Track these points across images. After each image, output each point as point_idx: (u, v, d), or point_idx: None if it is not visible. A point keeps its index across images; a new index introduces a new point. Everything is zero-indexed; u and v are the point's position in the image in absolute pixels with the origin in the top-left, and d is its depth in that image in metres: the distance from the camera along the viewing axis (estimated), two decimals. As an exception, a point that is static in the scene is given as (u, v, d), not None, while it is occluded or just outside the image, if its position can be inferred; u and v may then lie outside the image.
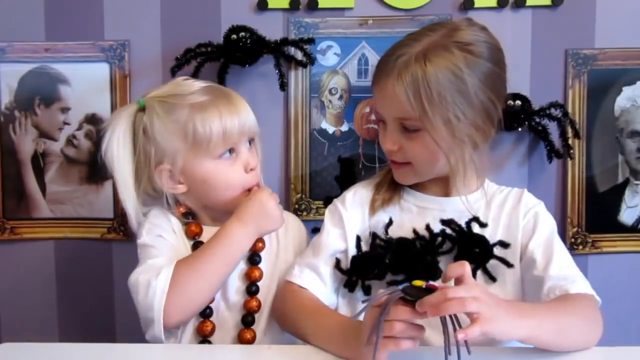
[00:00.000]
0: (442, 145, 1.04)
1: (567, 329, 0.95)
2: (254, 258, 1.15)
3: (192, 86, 1.13)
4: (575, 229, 1.43)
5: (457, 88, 1.02)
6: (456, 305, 0.81)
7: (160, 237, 1.13)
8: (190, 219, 1.16)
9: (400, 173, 1.12)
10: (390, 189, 1.16)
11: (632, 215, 1.44)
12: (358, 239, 1.12)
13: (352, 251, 1.12)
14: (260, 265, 1.16)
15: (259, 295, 1.15)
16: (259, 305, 1.14)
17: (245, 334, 1.12)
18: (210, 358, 1.02)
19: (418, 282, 0.87)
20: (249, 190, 1.14)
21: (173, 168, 1.11)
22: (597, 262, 1.43)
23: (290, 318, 1.09)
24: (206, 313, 1.11)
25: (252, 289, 1.14)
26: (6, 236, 1.46)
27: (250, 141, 1.15)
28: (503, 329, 0.85)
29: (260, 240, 1.15)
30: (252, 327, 1.13)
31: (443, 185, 1.13)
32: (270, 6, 1.39)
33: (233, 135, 1.10)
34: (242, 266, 1.15)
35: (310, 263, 1.12)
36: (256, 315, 1.14)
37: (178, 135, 1.09)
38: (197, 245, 1.12)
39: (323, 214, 1.39)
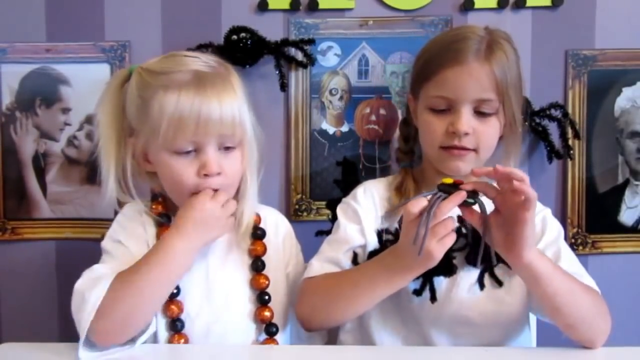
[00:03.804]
0: (505, 131, 1.10)
1: (580, 298, 0.98)
2: (256, 264, 1.11)
3: (187, 63, 1.03)
4: (575, 230, 1.43)
5: (519, 75, 1.11)
6: (534, 193, 0.90)
7: (119, 243, 1.06)
8: (165, 221, 1.08)
9: (463, 162, 1.09)
10: (416, 191, 1.14)
11: (632, 216, 1.44)
12: (379, 234, 1.12)
13: (372, 245, 1.11)
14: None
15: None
16: (272, 315, 1.09)
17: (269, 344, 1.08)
18: (215, 357, 1.02)
19: (447, 180, 0.95)
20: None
21: (136, 146, 1.05)
22: (597, 263, 1.43)
23: (321, 301, 1.06)
24: (176, 327, 1.04)
25: (263, 298, 1.09)
26: (7, 236, 1.46)
27: (229, 147, 1.04)
28: (529, 248, 0.93)
29: (259, 244, 1.12)
30: (275, 337, 1.09)
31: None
32: (270, 7, 1.39)
33: (187, 131, 0.98)
34: (247, 274, 1.11)
35: (330, 257, 1.11)
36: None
37: (140, 114, 1.02)
38: None
39: (323, 215, 1.41)
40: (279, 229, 1.17)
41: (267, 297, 1.09)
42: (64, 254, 1.47)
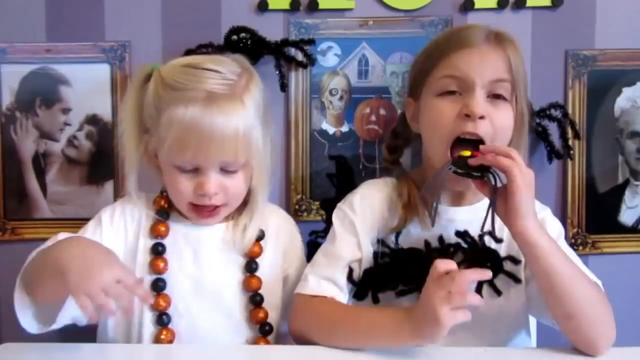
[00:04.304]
0: (517, 121, 1.06)
1: (583, 286, 0.96)
2: (250, 265, 1.10)
3: (203, 81, 1.02)
4: (575, 230, 1.43)
5: (525, 72, 1.09)
6: (512, 163, 0.93)
7: (99, 219, 1.10)
8: (163, 218, 1.10)
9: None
10: (421, 203, 1.10)
11: (632, 216, 1.44)
12: (375, 253, 1.10)
13: (367, 261, 1.09)
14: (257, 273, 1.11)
15: None
16: (267, 315, 1.09)
17: (259, 343, 1.09)
18: (215, 357, 1.02)
19: (465, 153, 0.98)
20: (196, 205, 1.06)
21: (149, 142, 1.08)
22: (597, 263, 1.43)
23: (316, 328, 1.03)
24: (163, 321, 1.05)
25: (256, 299, 1.09)
26: (7, 237, 1.46)
27: (231, 170, 1.05)
28: (523, 217, 0.93)
29: (256, 244, 1.11)
30: (268, 338, 1.09)
31: (456, 194, 1.11)
32: (270, 7, 1.39)
33: (189, 150, 1.01)
34: (240, 275, 1.11)
35: (326, 275, 1.08)
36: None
37: (153, 121, 1.05)
38: (155, 249, 1.08)
39: (323, 215, 1.41)
40: (281, 231, 1.17)
41: (258, 299, 1.09)
42: (64, 254, 1.47)
